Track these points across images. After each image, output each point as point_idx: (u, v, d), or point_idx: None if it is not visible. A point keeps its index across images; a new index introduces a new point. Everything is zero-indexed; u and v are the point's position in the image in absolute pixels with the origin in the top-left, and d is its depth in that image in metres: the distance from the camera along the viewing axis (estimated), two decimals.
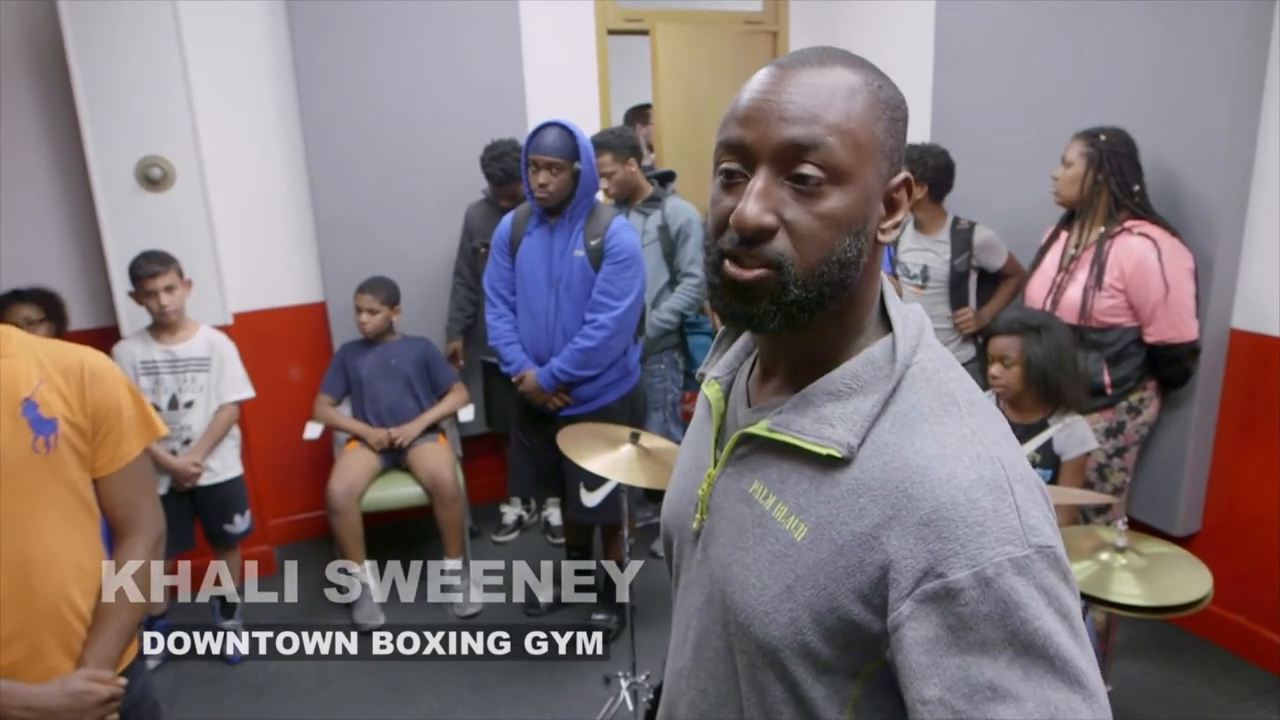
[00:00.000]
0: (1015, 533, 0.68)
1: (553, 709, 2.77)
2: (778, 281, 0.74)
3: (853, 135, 0.73)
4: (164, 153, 3.17)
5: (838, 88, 0.74)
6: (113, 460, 1.43)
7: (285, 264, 3.71)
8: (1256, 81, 2.58)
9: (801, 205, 0.73)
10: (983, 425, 0.74)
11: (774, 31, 4.48)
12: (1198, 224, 2.65)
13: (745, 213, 0.73)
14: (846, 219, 0.74)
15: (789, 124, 0.72)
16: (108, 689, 1.38)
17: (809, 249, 0.74)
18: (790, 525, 0.77)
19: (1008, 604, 0.66)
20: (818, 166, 0.72)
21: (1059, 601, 0.68)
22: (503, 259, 3.00)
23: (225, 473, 3.01)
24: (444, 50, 3.71)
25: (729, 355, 0.94)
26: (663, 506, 1.00)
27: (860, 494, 0.73)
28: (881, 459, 0.73)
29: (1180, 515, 2.86)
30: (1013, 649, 0.66)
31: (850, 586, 0.73)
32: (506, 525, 3.97)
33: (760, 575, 0.79)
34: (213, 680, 2.98)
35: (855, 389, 0.76)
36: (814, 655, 0.76)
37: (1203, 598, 1.83)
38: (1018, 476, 0.71)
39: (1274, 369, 2.69)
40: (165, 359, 2.90)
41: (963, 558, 0.67)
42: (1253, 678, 2.78)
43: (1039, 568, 0.67)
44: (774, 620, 0.77)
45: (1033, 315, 2.47)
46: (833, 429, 0.75)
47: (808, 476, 0.77)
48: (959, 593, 0.67)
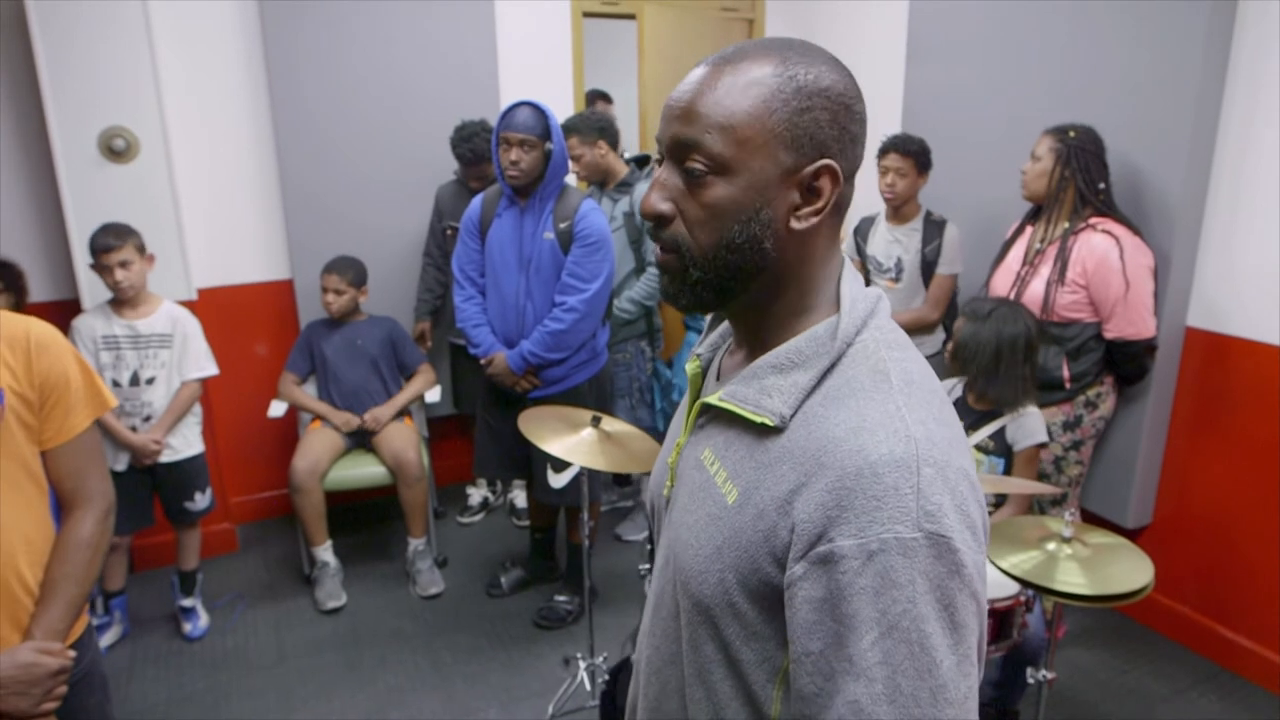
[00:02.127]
0: (909, 514, 0.69)
1: (511, 689, 2.79)
2: (679, 263, 0.82)
3: (734, 130, 0.77)
4: (128, 123, 3.12)
5: (734, 85, 0.77)
6: (61, 432, 1.42)
7: (252, 240, 3.67)
8: (1217, 85, 2.62)
9: (691, 195, 0.80)
10: (911, 403, 0.75)
11: (750, 19, 4.48)
12: (1158, 223, 2.70)
13: (645, 200, 0.82)
14: (733, 208, 0.78)
15: (676, 122, 0.80)
16: (56, 661, 1.37)
17: (700, 235, 0.80)
18: (725, 490, 0.82)
19: (885, 581, 0.68)
20: (701, 160, 0.78)
21: (943, 592, 0.69)
22: (472, 241, 2.99)
23: (186, 450, 2.99)
24: (417, 28, 3.68)
25: (715, 335, 1.00)
26: (649, 478, 1.08)
27: (783, 461, 0.76)
28: (807, 429, 0.76)
29: (1132, 508, 2.93)
30: (879, 629, 0.68)
31: (767, 549, 0.76)
32: (471, 507, 3.98)
33: (698, 535, 0.83)
34: (170, 656, 2.97)
35: (797, 363, 0.80)
36: (742, 616, 0.79)
37: (1144, 587, 1.87)
38: (930, 459, 0.71)
39: (1227, 367, 2.75)
40: (126, 334, 2.86)
41: (853, 527, 0.69)
42: (1197, 666, 2.85)
43: (925, 554, 0.68)
44: (706, 579, 0.81)
45: (986, 304, 2.49)
46: (770, 399, 0.79)
47: (746, 444, 0.81)
48: (841, 560, 0.69)
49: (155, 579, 3.38)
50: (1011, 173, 2.87)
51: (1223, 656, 2.84)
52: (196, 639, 3.06)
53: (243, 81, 3.52)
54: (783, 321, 0.84)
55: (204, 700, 2.76)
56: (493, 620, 3.18)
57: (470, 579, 3.45)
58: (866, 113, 0.84)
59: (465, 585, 3.41)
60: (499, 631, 3.11)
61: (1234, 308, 2.71)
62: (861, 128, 0.82)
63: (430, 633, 3.11)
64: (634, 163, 3.57)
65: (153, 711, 2.71)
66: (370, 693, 2.78)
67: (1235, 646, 2.80)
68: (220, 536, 3.60)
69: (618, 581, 3.39)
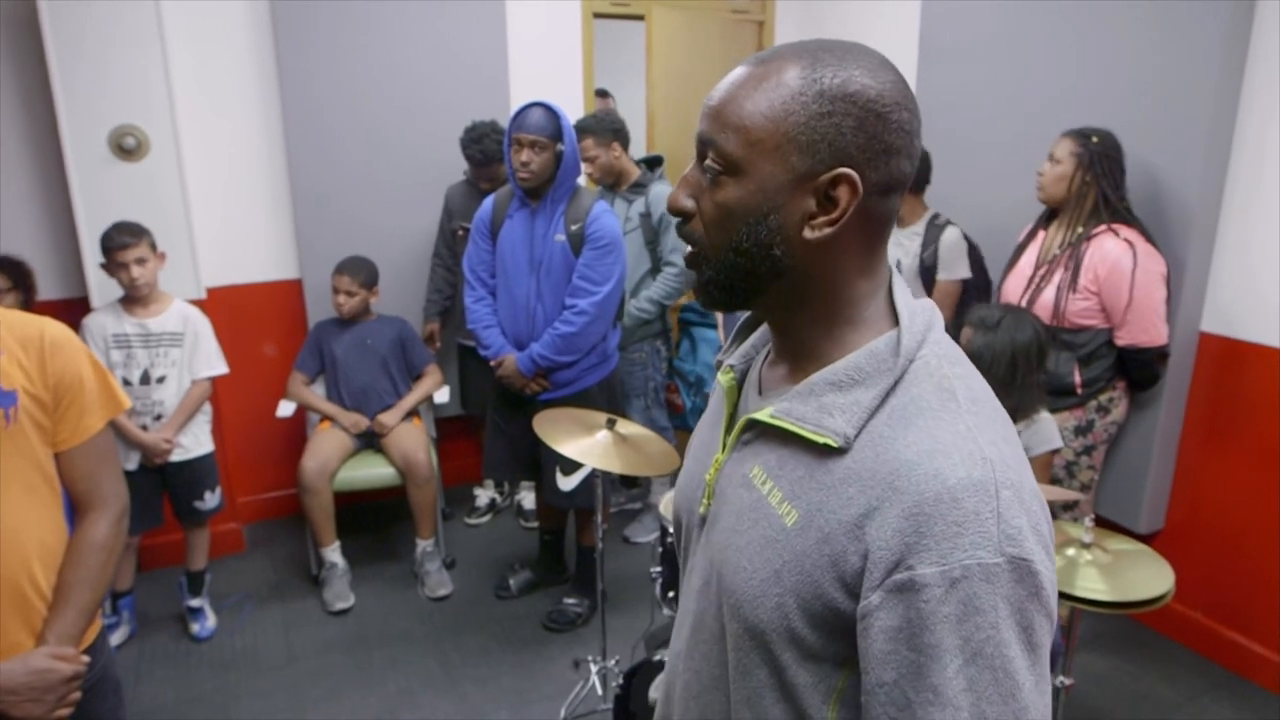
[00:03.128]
0: (991, 539, 0.68)
1: (522, 692, 2.78)
2: (697, 259, 0.83)
3: (746, 131, 0.75)
4: (138, 122, 3.12)
5: (757, 85, 0.76)
6: (75, 434, 1.40)
7: (261, 239, 3.66)
8: (1233, 87, 2.61)
9: (709, 194, 0.80)
10: (980, 423, 0.74)
11: (760, 21, 4.48)
12: (1173, 228, 2.69)
13: (672, 195, 0.83)
14: (740, 210, 0.77)
15: (704, 120, 0.80)
16: (70, 667, 1.35)
17: (712, 234, 0.81)
18: (783, 511, 0.78)
19: (968, 608, 0.67)
20: (714, 159, 0.78)
21: (1023, 615, 0.68)
22: (483, 242, 2.98)
23: (197, 449, 2.98)
24: (428, 28, 3.67)
25: (746, 345, 0.96)
26: (675, 493, 1.02)
27: (850, 483, 0.74)
28: (874, 450, 0.74)
29: (1144, 514, 2.92)
30: (963, 656, 0.67)
31: (834, 574, 0.73)
32: (479, 508, 3.97)
33: (751, 559, 0.80)
34: (179, 657, 2.96)
35: (857, 380, 0.77)
36: (800, 640, 0.77)
37: (1164, 594, 1.86)
38: (1007, 481, 0.70)
39: (1240, 372, 2.74)
40: (137, 332, 2.86)
41: (934, 554, 0.67)
42: (1210, 673, 2.84)
43: (1007, 579, 0.67)
44: (762, 604, 0.78)
45: (995, 312, 2.46)
46: (832, 418, 0.76)
47: (804, 464, 0.78)
48: (923, 588, 0.67)
49: (162, 578, 3.37)
50: (1025, 175, 2.86)
51: (1236, 663, 2.83)
52: (204, 639, 3.05)
53: (253, 80, 3.51)
54: (825, 334, 0.81)
55: (213, 701, 2.75)
56: (501, 622, 3.17)
57: (478, 581, 3.44)
58: (915, 124, 0.78)
59: (473, 587, 3.40)
60: (508, 634, 3.10)
61: (1248, 313, 2.70)
62: (903, 138, 0.76)
63: (439, 634, 3.10)
64: (645, 164, 3.57)
65: (161, 712, 2.70)
66: (380, 694, 2.77)
67: (1248, 653, 2.79)
68: (227, 536, 3.59)
69: (627, 584, 3.38)
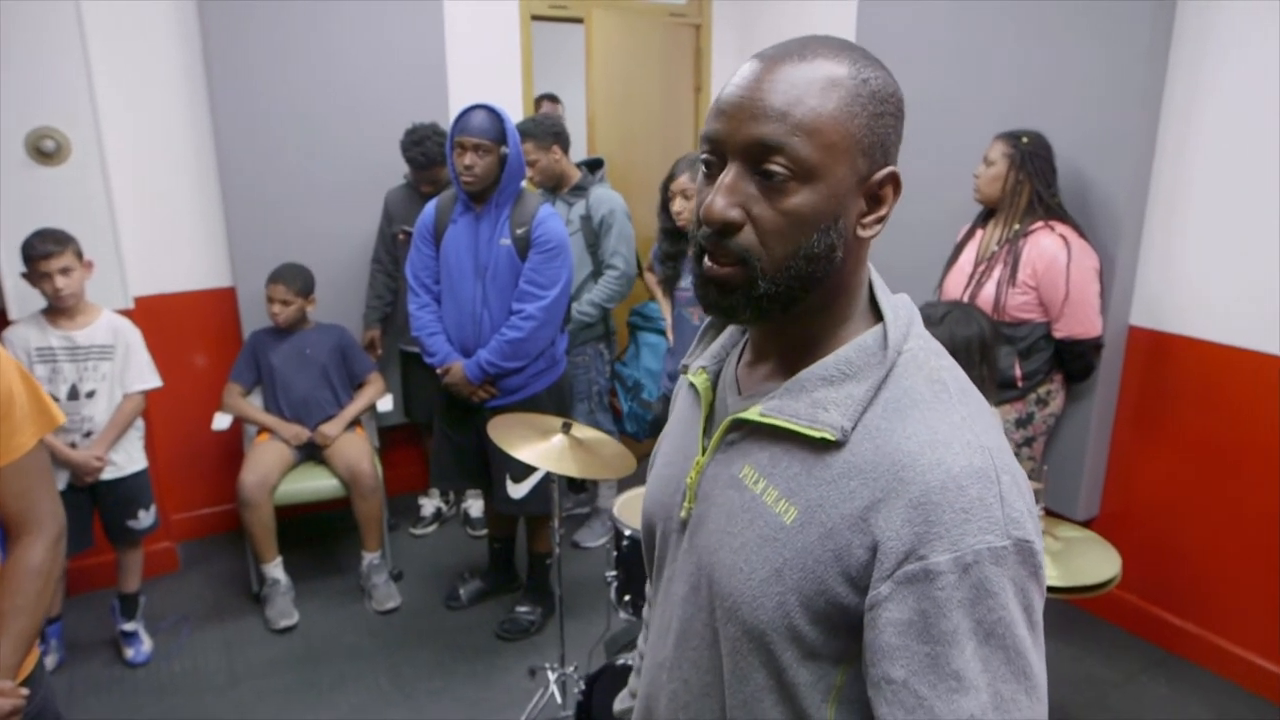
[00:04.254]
0: (998, 523, 0.70)
1: (478, 703, 2.74)
2: (746, 276, 0.76)
3: (821, 134, 0.73)
4: (58, 124, 2.97)
5: (813, 83, 0.73)
6: (5, 452, 1.31)
7: (191, 246, 3.53)
8: (1156, 93, 2.73)
9: (768, 201, 0.74)
10: (973, 413, 0.76)
11: (697, 24, 4.51)
12: (1103, 225, 2.79)
13: (712, 206, 0.75)
14: (813, 216, 0.74)
15: (758, 121, 0.73)
16: (9, 701, 1.27)
17: (775, 245, 0.75)
18: (780, 509, 0.78)
19: (980, 591, 0.68)
20: (784, 164, 0.73)
21: (1025, 595, 0.71)
22: (426, 247, 2.92)
23: (129, 466, 2.85)
24: (364, 26, 3.59)
25: (715, 346, 0.95)
26: (644, 498, 0.99)
27: (851, 477, 0.74)
28: (873, 443, 0.74)
29: (1081, 501, 3.02)
30: (977, 638, 0.68)
31: (838, 569, 0.74)
32: (425, 518, 3.90)
33: (749, 559, 0.79)
34: (113, 684, 2.83)
35: (849, 374, 0.77)
36: (801, 639, 0.76)
37: (1112, 578, 1.93)
38: (1005, 467, 0.73)
39: (1168, 363, 2.86)
40: (64, 345, 2.72)
41: (946, 542, 0.69)
42: (1144, 653, 2.96)
43: (1014, 560, 0.70)
44: (762, 604, 0.77)
45: (938, 308, 2.52)
46: (826, 413, 0.76)
47: (799, 460, 0.78)
48: (938, 576, 0.68)
49: (93, 602, 3.21)
50: (960, 176, 2.94)
51: (1170, 642, 2.95)
52: (140, 664, 2.92)
53: (181, 81, 3.38)
54: (825, 330, 0.82)
55: None
56: (453, 633, 3.11)
57: (427, 592, 3.37)
58: None
59: (422, 599, 3.33)
60: (460, 644, 3.05)
61: (1173, 307, 2.82)
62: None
63: (389, 648, 3.03)
64: (585, 167, 3.56)
65: None
66: (330, 713, 2.69)
67: (1181, 632, 2.92)
68: (161, 556, 3.45)
69: (580, 589, 3.35)
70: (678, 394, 1.04)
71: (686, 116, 4.57)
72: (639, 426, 3.66)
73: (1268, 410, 2.63)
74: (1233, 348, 2.69)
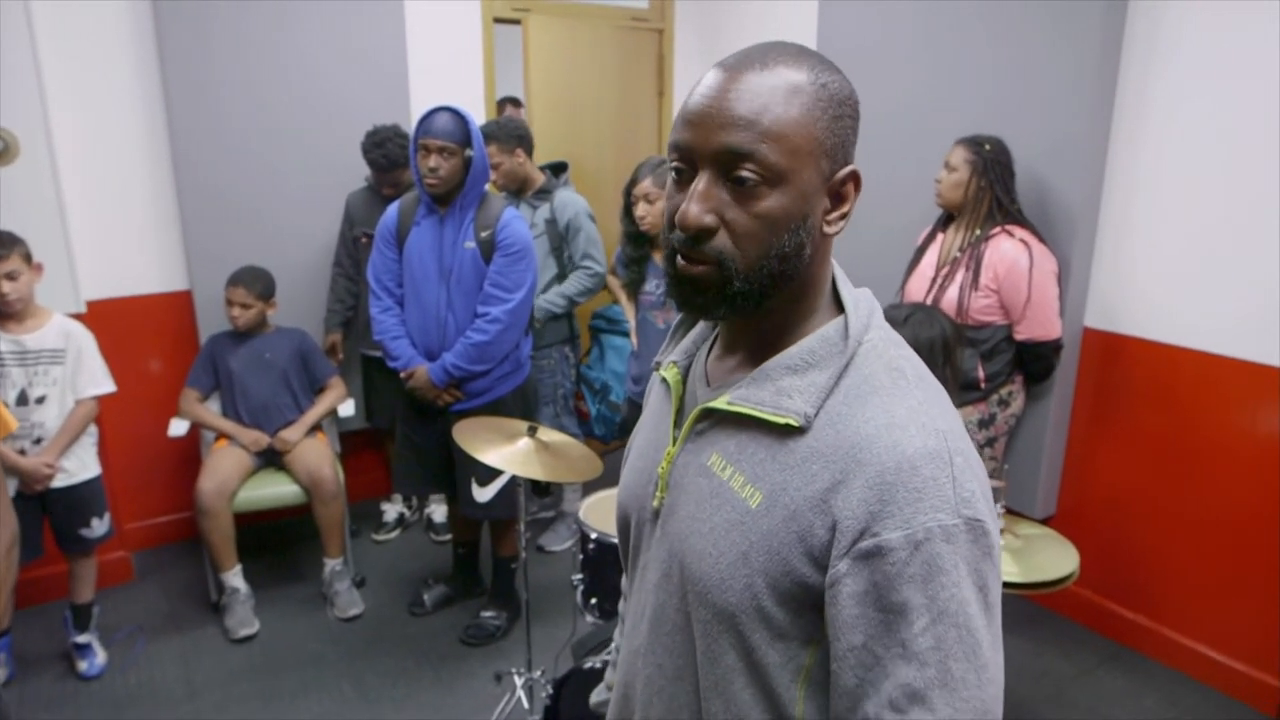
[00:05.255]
0: (949, 502, 0.72)
1: (444, 709, 2.71)
2: (720, 276, 0.79)
3: (787, 139, 0.76)
4: (6, 124, 2.91)
5: (776, 90, 0.76)
6: None
7: (146, 249, 3.45)
8: (1108, 102, 2.80)
9: (740, 206, 0.77)
10: (929, 398, 0.79)
11: (659, 29, 4.52)
12: (1059, 230, 2.85)
13: (687, 214, 0.78)
14: (784, 217, 0.78)
15: (726, 130, 0.76)
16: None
17: (748, 246, 0.78)
18: (746, 493, 0.81)
19: (931, 569, 0.71)
20: (754, 171, 0.76)
21: (978, 574, 0.73)
22: (389, 250, 2.90)
23: (82, 473, 2.78)
24: (323, 26, 3.54)
25: (686, 341, 0.98)
26: (619, 490, 1.03)
27: (813, 461, 0.77)
28: (834, 428, 0.77)
29: (1039, 499, 3.09)
30: (929, 615, 0.71)
31: (802, 549, 0.76)
32: (387, 523, 3.85)
33: (716, 543, 0.82)
34: (66, 698, 2.75)
35: (811, 364, 0.81)
36: (769, 619, 0.79)
37: (1070, 574, 1.98)
38: (958, 450, 0.76)
39: (1121, 364, 2.93)
40: (12, 350, 2.64)
41: (898, 519, 0.72)
42: (1100, 647, 3.03)
43: (965, 539, 0.72)
44: (730, 586, 0.80)
45: (901, 309, 2.55)
46: (790, 400, 0.80)
47: (765, 446, 0.81)
48: (889, 552, 0.71)
49: (43, 614, 3.12)
50: (923, 180, 2.98)
51: (1124, 636, 3.02)
52: (94, 677, 2.85)
53: (135, 80, 3.30)
54: (791, 323, 0.85)
55: None
56: (417, 640, 3.08)
57: (391, 598, 3.34)
58: None
59: (386, 605, 3.29)
60: (425, 651, 3.02)
61: (1126, 308, 2.90)
62: None
63: (352, 656, 2.99)
64: (549, 170, 3.55)
65: None
66: None
67: (1135, 626, 2.99)
68: (115, 566, 3.37)
69: (545, 593, 3.34)
70: (651, 390, 1.07)
71: (648, 121, 4.58)
72: (607, 429, 3.66)
73: (1217, 409, 2.70)
74: (1183, 348, 2.77)
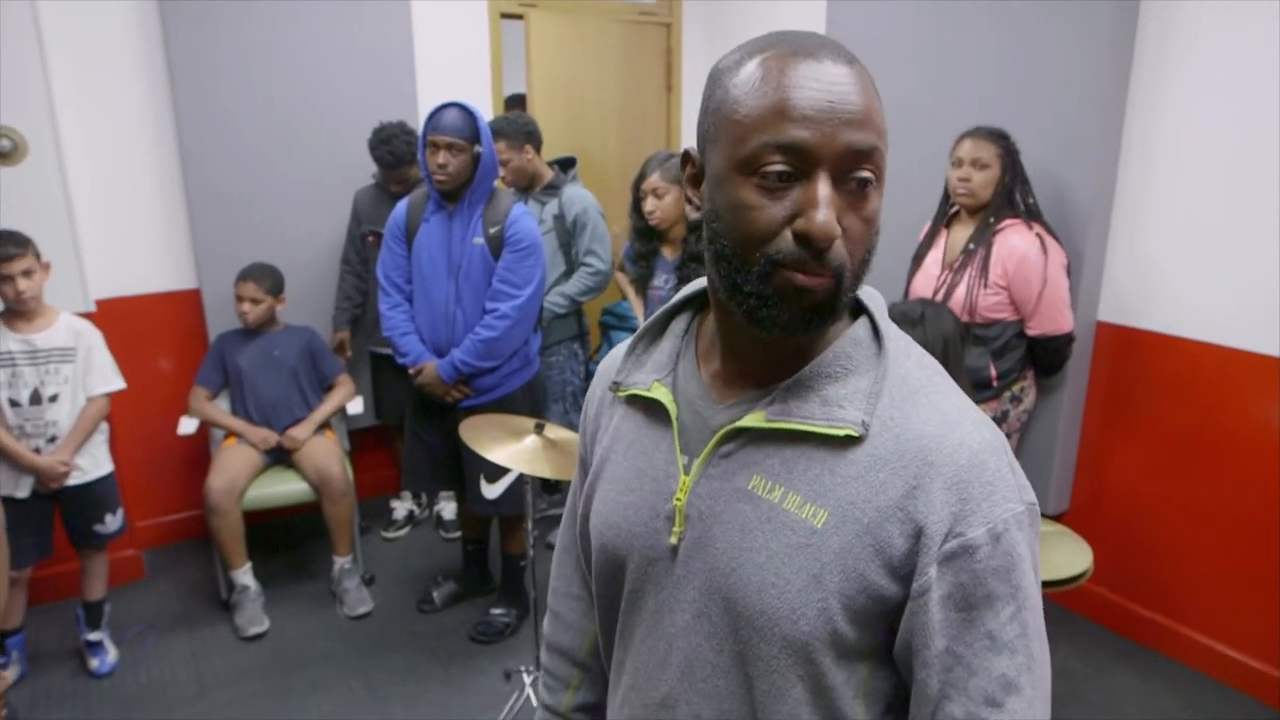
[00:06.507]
0: (1014, 491, 0.73)
1: (453, 707, 2.71)
2: (836, 287, 0.73)
3: (885, 134, 0.74)
4: (14, 123, 2.91)
5: (869, 83, 0.73)
6: None
7: (155, 248, 3.45)
8: (1121, 92, 2.77)
9: (853, 210, 0.72)
10: (958, 392, 0.79)
11: (667, 23, 4.50)
12: (1071, 223, 2.82)
13: (828, 225, 0.69)
14: (877, 218, 0.75)
15: (854, 129, 0.70)
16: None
17: (858, 252, 0.73)
18: (806, 513, 0.75)
19: (1012, 557, 0.72)
20: (872, 170, 0.71)
21: (1034, 554, 0.75)
22: (398, 246, 2.89)
23: (95, 470, 2.79)
24: (330, 23, 3.54)
25: (660, 357, 0.89)
26: (601, 529, 0.91)
27: (878, 469, 0.74)
28: (892, 433, 0.75)
29: (1051, 496, 3.06)
30: (1015, 603, 0.72)
31: (880, 562, 0.73)
32: (397, 521, 3.85)
33: (779, 571, 0.76)
34: (77, 696, 2.76)
35: (850, 369, 0.78)
36: (841, 641, 0.76)
37: (1084, 571, 1.95)
38: (1002, 439, 0.77)
39: (1136, 359, 2.90)
40: (23, 349, 2.65)
41: (979, 516, 0.71)
42: (1115, 645, 3.00)
43: (1028, 523, 0.74)
44: (803, 614, 0.75)
45: (914, 307, 2.52)
46: (842, 410, 0.75)
47: (818, 461, 0.76)
48: (976, 548, 0.71)
49: (55, 613, 3.13)
50: (929, 177, 2.95)
51: (1140, 634, 2.99)
52: (105, 675, 2.85)
53: (143, 80, 3.31)
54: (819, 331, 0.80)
55: None
56: (426, 637, 3.08)
57: (400, 596, 3.33)
58: None
59: (395, 603, 3.29)
60: (434, 648, 3.02)
61: (1141, 302, 2.86)
62: None
63: (361, 654, 2.99)
64: (558, 165, 3.54)
65: None
66: None
67: (1151, 624, 2.96)
68: (126, 563, 3.37)
69: None
70: (608, 413, 0.95)
71: (656, 116, 4.56)
72: None
73: (1234, 404, 2.67)
74: (1199, 342, 2.73)
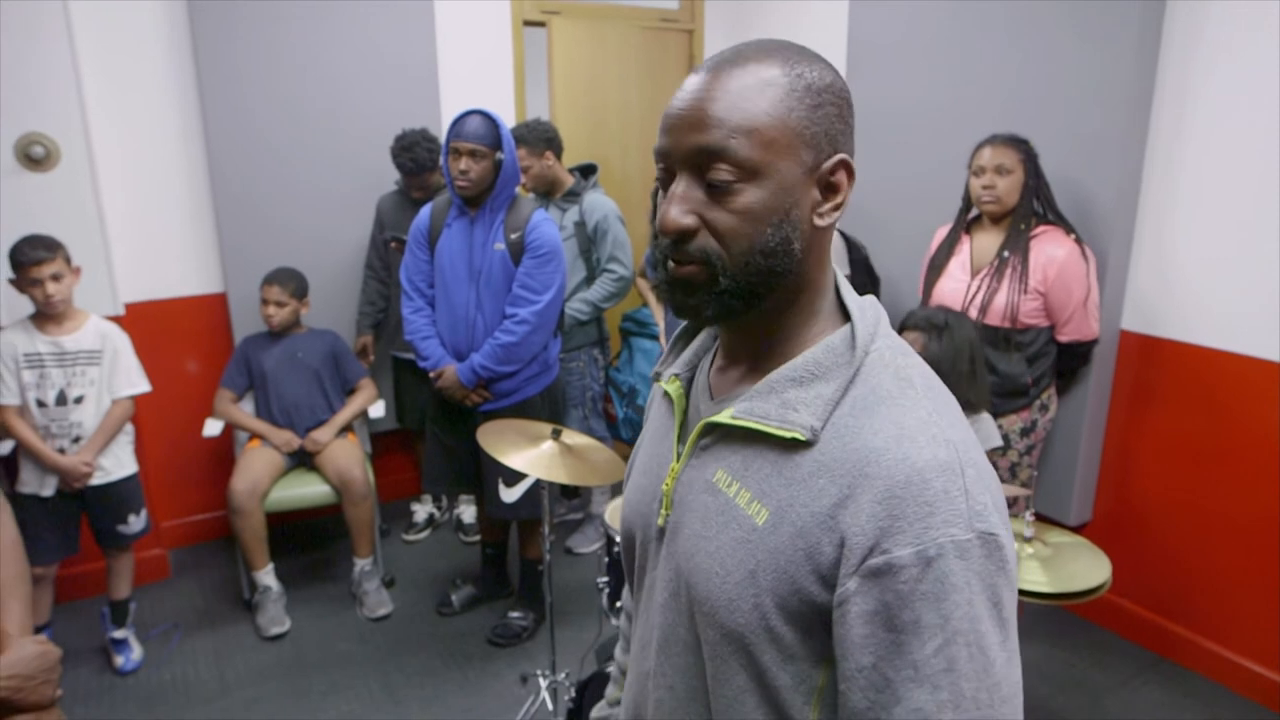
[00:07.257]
0: (962, 516, 0.69)
1: (469, 710, 2.72)
2: (708, 275, 0.78)
3: (759, 132, 0.75)
4: (47, 129, 2.97)
5: (746, 87, 0.76)
6: None
7: (182, 252, 3.51)
8: (1146, 97, 2.74)
9: (719, 205, 0.77)
10: (939, 408, 0.76)
11: (689, 30, 4.51)
12: (1095, 230, 2.79)
13: (666, 217, 0.78)
14: (765, 211, 0.76)
15: (697, 131, 0.76)
16: (57, 649, 1.50)
17: (732, 243, 0.77)
18: (752, 510, 0.78)
19: (944, 585, 0.68)
20: (727, 168, 0.75)
21: (992, 590, 0.70)
22: (421, 251, 2.92)
23: (119, 471, 2.84)
24: (355, 32, 3.59)
25: (688, 353, 0.96)
26: (623, 507, 1.00)
27: (820, 475, 0.74)
28: (841, 441, 0.75)
29: (1073, 506, 3.02)
30: (942, 635, 0.68)
31: (810, 568, 0.74)
32: (417, 524, 3.88)
33: (723, 562, 0.79)
34: (102, 692, 2.81)
35: (817, 375, 0.79)
36: (779, 640, 0.77)
37: (1102, 584, 1.93)
38: (970, 460, 0.73)
39: (1160, 368, 2.86)
40: (51, 351, 2.71)
41: (909, 535, 0.69)
42: (1138, 657, 2.96)
43: (978, 554, 0.69)
44: (738, 606, 0.77)
45: (937, 314, 2.51)
46: (796, 413, 0.77)
47: (770, 461, 0.78)
48: (900, 569, 0.68)
49: (82, 610, 3.19)
50: (950, 180, 2.93)
51: (1162, 646, 2.95)
52: (130, 672, 2.90)
53: (172, 85, 3.37)
54: (793, 331, 0.83)
55: None
56: (445, 640, 3.10)
57: (419, 598, 3.36)
58: None
59: (414, 605, 3.32)
60: (452, 651, 3.04)
61: (1165, 311, 2.83)
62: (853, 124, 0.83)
63: (380, 655, 3.01)
64: (579, 172, 3.56)
65: None
66: None
67: (1174, 636, 2.92)
68: (151, 563, 3.43)
69: (573, 595, 3.34)
70: (652, 402, 1.04)
71: None
72: (634, 432, 3.66)
73: (1259, 415, 2.63)
74: (1225, 352, 2.70)
